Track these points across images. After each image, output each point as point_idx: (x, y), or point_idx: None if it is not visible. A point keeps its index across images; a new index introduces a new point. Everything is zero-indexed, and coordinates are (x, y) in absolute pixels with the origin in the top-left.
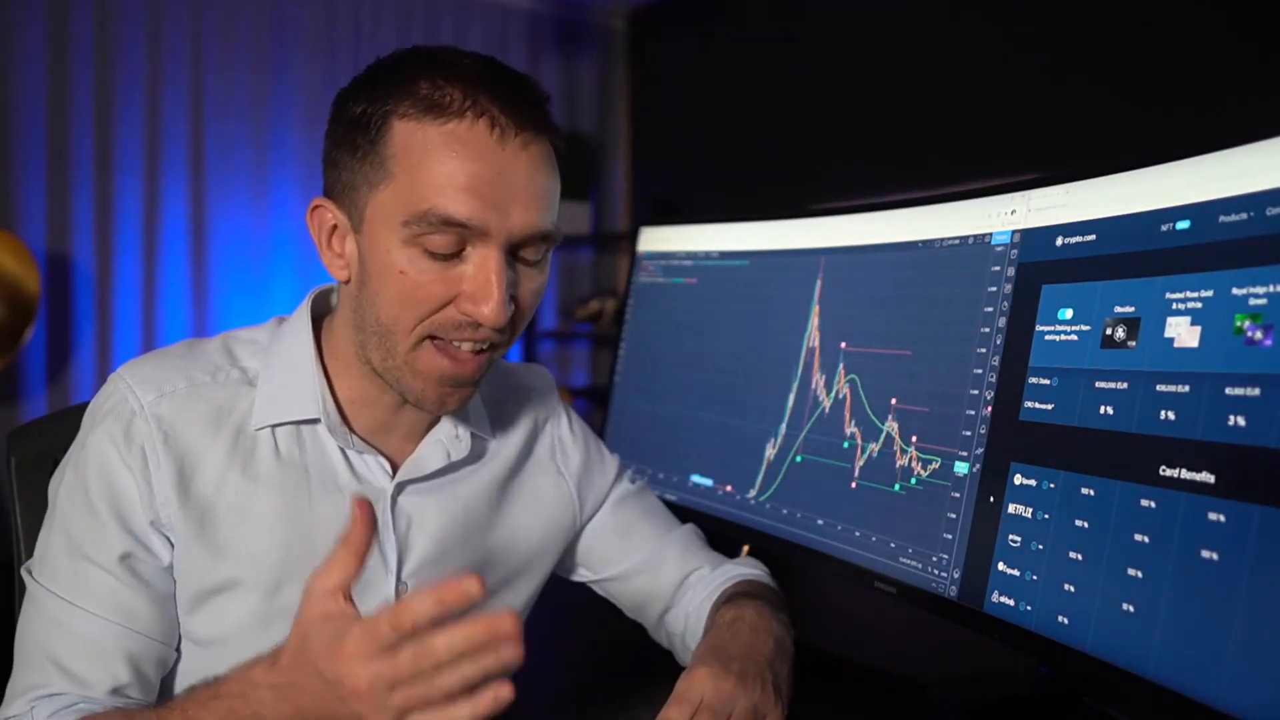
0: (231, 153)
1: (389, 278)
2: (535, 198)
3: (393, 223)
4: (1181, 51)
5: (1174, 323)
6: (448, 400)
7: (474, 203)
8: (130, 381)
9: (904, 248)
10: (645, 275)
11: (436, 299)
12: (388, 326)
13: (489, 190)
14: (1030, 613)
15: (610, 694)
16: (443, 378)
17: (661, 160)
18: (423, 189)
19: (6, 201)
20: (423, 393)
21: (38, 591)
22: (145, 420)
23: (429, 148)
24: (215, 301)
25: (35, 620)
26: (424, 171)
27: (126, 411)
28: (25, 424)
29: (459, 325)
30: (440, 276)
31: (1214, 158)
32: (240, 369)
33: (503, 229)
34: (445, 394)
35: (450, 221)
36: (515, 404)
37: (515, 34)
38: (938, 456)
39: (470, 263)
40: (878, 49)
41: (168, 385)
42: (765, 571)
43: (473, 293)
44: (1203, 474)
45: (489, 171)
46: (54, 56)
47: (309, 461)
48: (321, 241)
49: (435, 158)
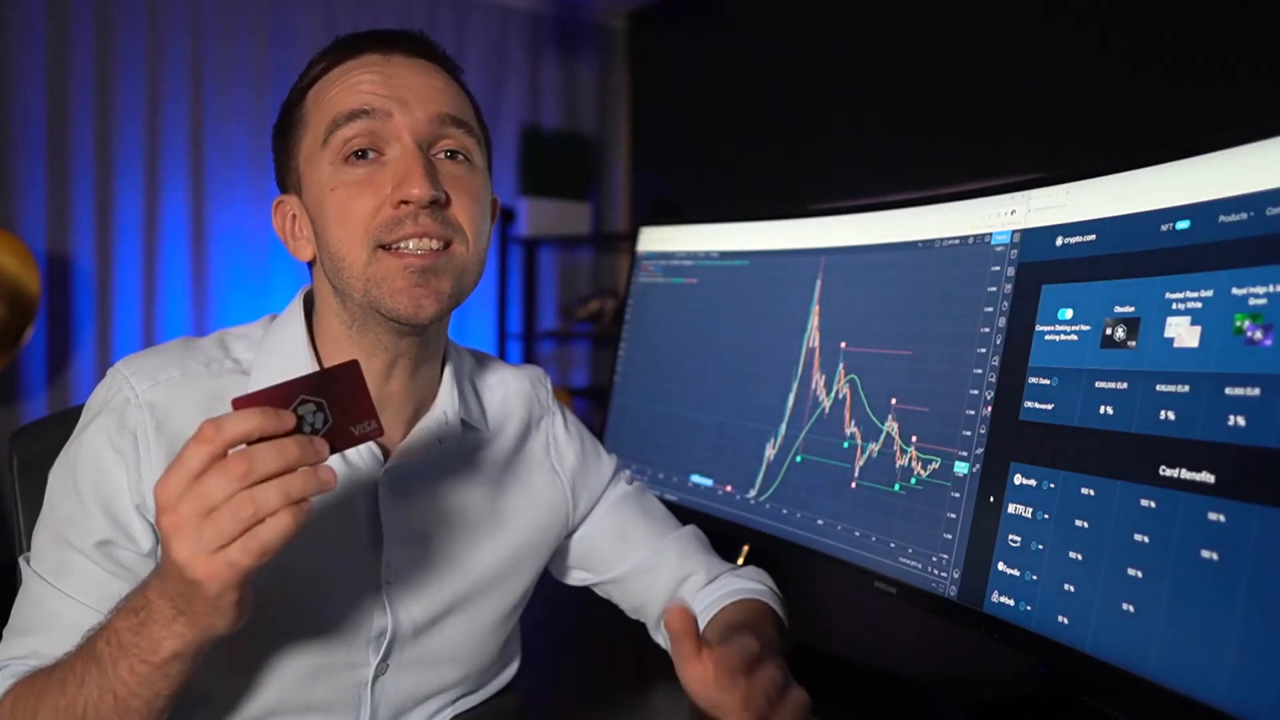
0: (231, 153)
1: (325, 204)
2: (430, 91)
3: (316, 153)
4: (1182, 51)
5: (1174, 323)
6: (423, 302)
7: (371, 95)
8: (126, 373)
9: (904, 248)
10: (645, 275)
11: (369, 203)
12: (339, 253)
13: (383, 87)
14: (1030, 613)
15: (610, 694)
16: (406, 271)
17: (661, 160)
18: (329, 107)
19: (6, 201)
20: (395, 298)
21: (26, 574)
22: (139, 408)
23: (329, 83)
24: (215, 301)
25: (21, 601)
26: (327, 97)
27: (120, 401)
28: (27, 424)
29: (399, 221)
30: (367, 181)
31: (1214, 158)
32: (234, 360)
33: (407, 120)
34: (416, 294)
35: (355, 113)
36: (509, 400)
37: (515, 34)
38: (938, 456)
39: (389, 161)
40: (878, 49)
41: (162, 375)
42: (766, 581)
43: (397, 181)
44: (1203, 474)
45: (379, 76)
46: (54, 56)
47: None
48: (286, 234)
49: (334, 84)
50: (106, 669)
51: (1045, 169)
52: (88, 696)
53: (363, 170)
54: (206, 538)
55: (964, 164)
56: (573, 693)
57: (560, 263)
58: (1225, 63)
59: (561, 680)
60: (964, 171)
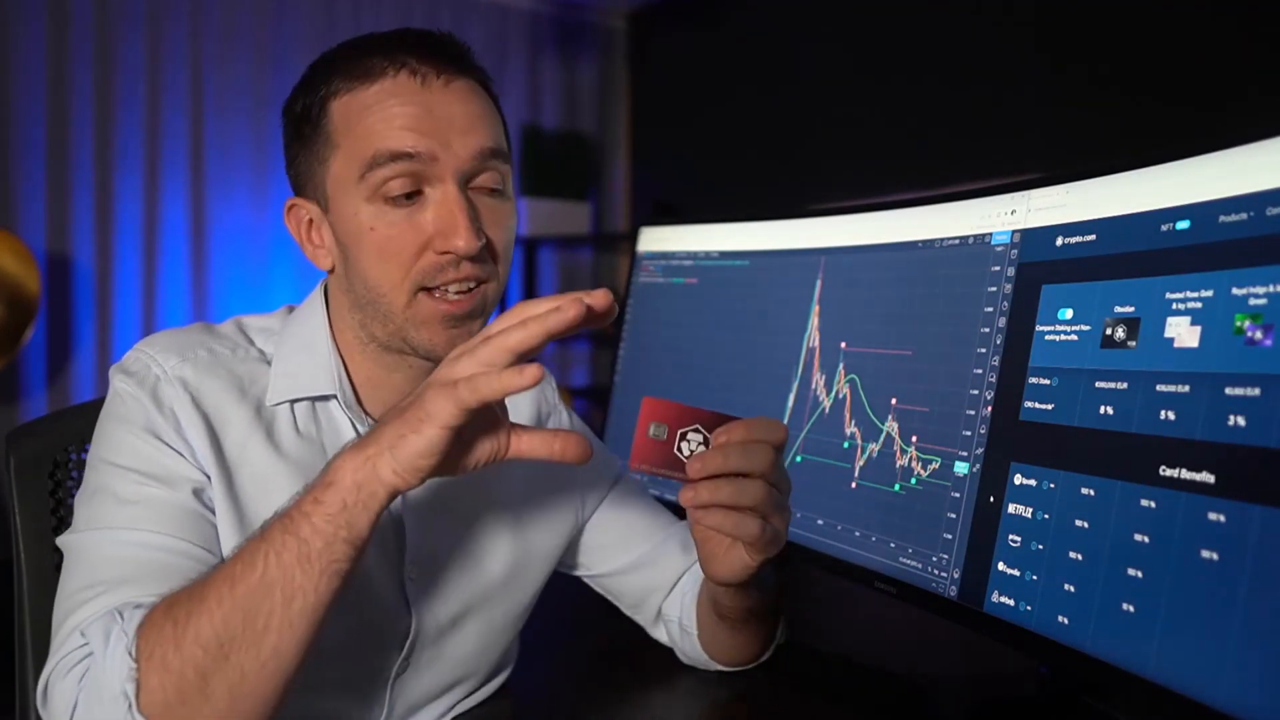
0: (231, 152)
1: (363, 240)
2: (471, 121)
3: (350, 185)
4: (1182, 51)
5: (1174, 323)
6: (456, 343)
7: (413, 135)
8: (151, 352)
9: (904, 248)
10: (645, 275)
11: (410, 246)
12: (377, 289)
13: (425, 124)
14: (1030, 613)
15: (609, 694)
16: (444, 319)
17: (661, 160)
18: (366, 140)
19: (6, 201)
20: (431, 342)
21: (84, 538)
22: (170, 383)
23: (364, 108)
24: (215, 301)
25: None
26: (364, 127)
27: (151, 378)
28: (25, 424)
29: (441, 268)
30: (408, 223)
31: (1214, 158)
32: (258, 349)
33: (450, 160)
34: (452, 336)
35: (397, 155)
36: (519, 399)
37: (515, 34)
38: (938, 456)
39: (431, 203)
40: (878, 49)
41: (189, 353)
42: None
43: (441, 229)
44: (1203, 474)
45: (420, 109)
46: (54, 56)
47: (325, 439)
48: (302, 237)
49: (371, 113)
50: (289, 529)
51: (1045, 169)
52: (267, 565)
53: (402, 212)
54: (456, 369)
55: (964, 164)
56: (572, 693)
57: (560, 263)
58: (1226, 62)
59: (560, 680)
60: (964, 171)
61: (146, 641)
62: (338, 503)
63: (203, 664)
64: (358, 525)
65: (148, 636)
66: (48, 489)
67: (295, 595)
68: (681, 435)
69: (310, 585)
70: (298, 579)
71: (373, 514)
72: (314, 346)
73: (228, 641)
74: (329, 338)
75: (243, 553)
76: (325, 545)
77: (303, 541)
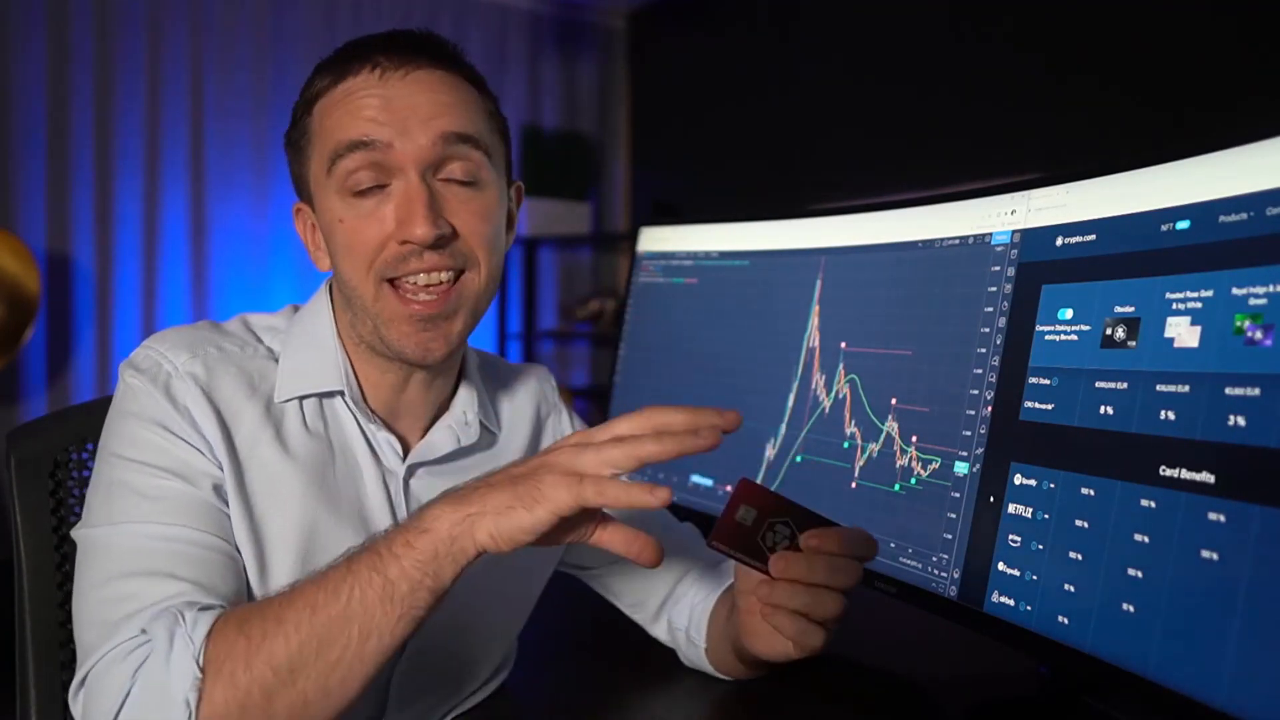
0: (231, 152)
1: (336, 233)
2: (435, 109)
3: (323, 180)
4: (1182, 51)
5: (1174, 323)
6: (430, 346)
7: (371, 124)
8: (161, 348)
9: (904, 248)
10: (645, 275)
11: (375, 238)
12: (349, 283)
13: (383, 113)
14: (1030, 613)
15: (609, 694)
16: (411, 317)
17: (661, 160)
18: (331, 134)
19: (6, 201)
20: (401, 342)
21: (106, 533)
22: (182, 379)
23: (333, 104)
24: (215, 302)
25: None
26: (331, 122)
27: (163, 374)
28: (25, 424)
29: (404, 258)
30: (373, 215)
31: (1214, 158)
32: (266, 346)
33: (409, 148)
34: (423, 339)
35: (355, 144)
36: (518, 398)
37: (515, 34)
38: (938, 456)
39: (394, 194)
40: (878, 49)
41: (199, 350)
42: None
43: (401, 218)
44: (1203, 474)
45: (379, 100)
46: (54, 57)
47: (333, 436)
48: (307, 240)
49: (337, 108)
50: (376, 566)
51: (1045, 169)
52: (349, 593)
53: (369, 204)
54: (580, 461)
55: (964, 164)
56: (571, 693)
57: (560, 263)
58: (1226, 63)
59: (560, 680)
60: (964, 171)
61: (216, 653)
62: (430, 550)
63: (271, 685)
64: (443, 576)
65: (218, 648)
66: (48, 489)
67: (372, 633)
68: (769, 525)
69: (388, 626)
70: (377, 617)
71: (459, 568)
72: (321, 344)
73: (299, 667)
74: (335, 333)
75: (326, 580)
76: (410, 590)
77: (389, 582)
